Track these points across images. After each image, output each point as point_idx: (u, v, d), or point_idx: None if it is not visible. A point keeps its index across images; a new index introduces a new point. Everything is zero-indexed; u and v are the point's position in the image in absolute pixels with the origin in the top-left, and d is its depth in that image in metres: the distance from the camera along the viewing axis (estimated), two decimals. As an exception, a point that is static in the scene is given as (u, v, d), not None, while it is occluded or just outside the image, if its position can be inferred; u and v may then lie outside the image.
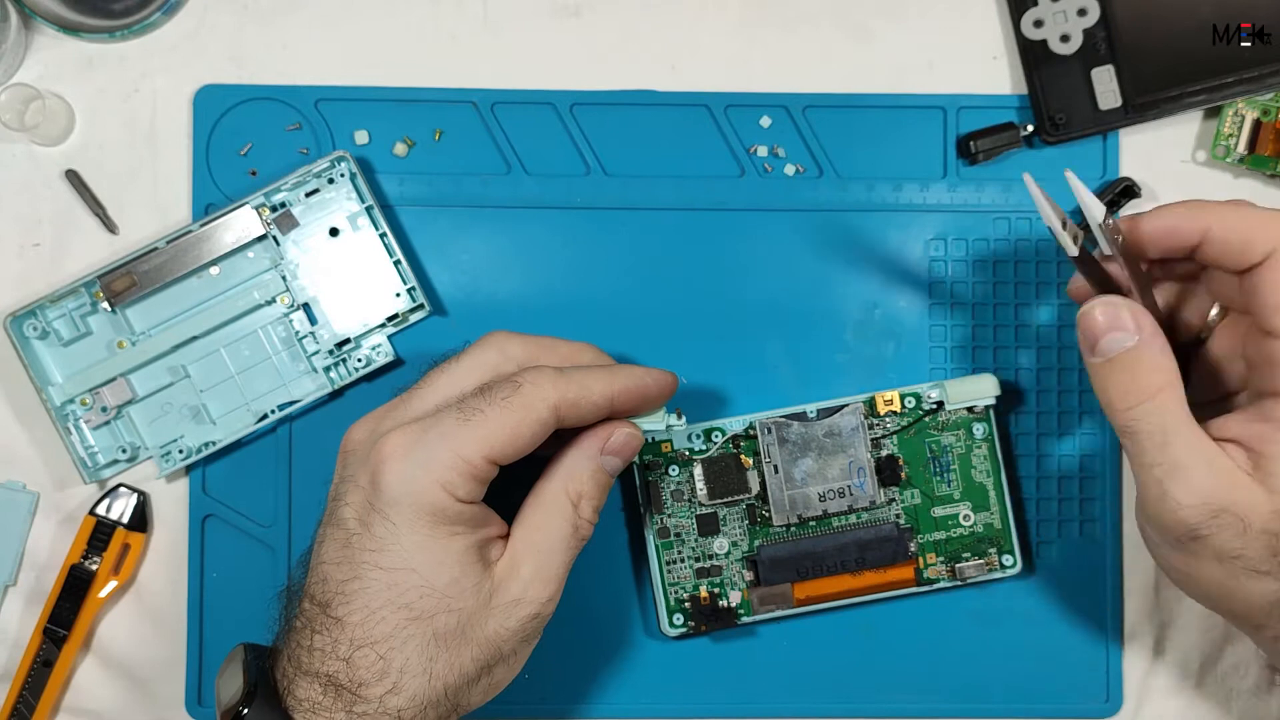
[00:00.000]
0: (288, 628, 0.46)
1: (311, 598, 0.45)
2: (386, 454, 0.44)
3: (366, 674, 0.43)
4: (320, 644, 0.44)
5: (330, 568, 0.44)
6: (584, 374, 0.46)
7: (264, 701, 0.43)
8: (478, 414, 0.44)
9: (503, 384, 0.45)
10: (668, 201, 0.55)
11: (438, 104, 0.55)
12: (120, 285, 0.53)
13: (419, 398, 0.46)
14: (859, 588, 0.53)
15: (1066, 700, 0.55)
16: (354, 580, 0.44)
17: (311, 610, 0.44)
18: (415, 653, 0.43)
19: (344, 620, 0.43)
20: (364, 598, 0.43)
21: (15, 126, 0.53)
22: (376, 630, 0.43)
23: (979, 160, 0.55)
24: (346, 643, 0.43)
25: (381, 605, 0.43)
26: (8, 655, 0.55)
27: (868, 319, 0.56)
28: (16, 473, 0.55)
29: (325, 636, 0.44)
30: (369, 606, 0.43)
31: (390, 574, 0.43)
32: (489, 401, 0.44)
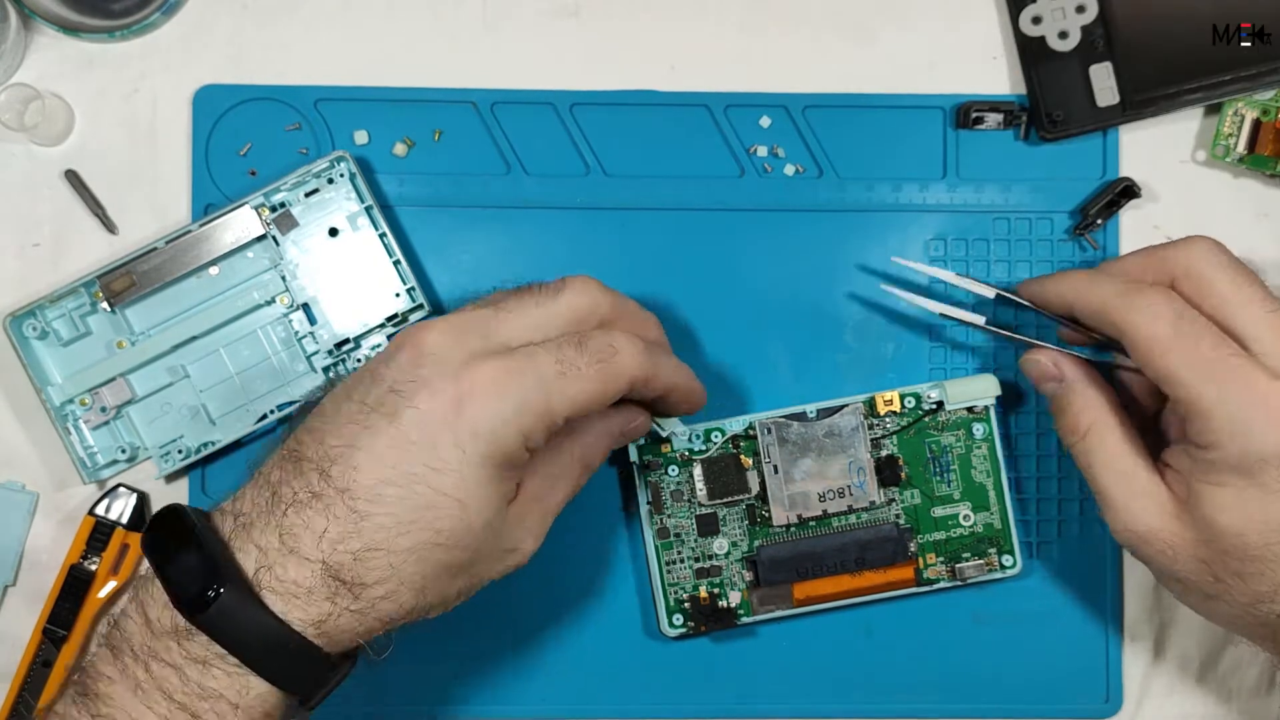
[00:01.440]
0: (272, 495, 0.43)
1: (328, 478, 0.42)
2: (482, 385, 0.42)
3: (371, 576, 0.42)
4: (335, 533, 0.42)
5: (368, 460, 0.42)
6: (662, 360, 0.47)
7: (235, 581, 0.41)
8: (574, 371, 0.43)
9: (600, 344, 0.44)
10: (668, 201, 0.55)
11: (437, 104, 0.55)
12: (120, 285, 0.53)
13: (508, 322, 0.45)
14: (859, 588, 0.53)
15: (1066, 700, 0.55)
16: (396, 487, 0.42)
17: (327, 493, 0.42)
18: (421, 572, 0.43)
19: (368, 517, 0.42)
20: (401, 507, 0.42)
21: (15, 126, 0.53)
22: (400, 541, 0.42)
23: (974, 126, 0.55)
24: (363, 541, 0.42)
25: (415, 520, 0.42)
26: (7, 655, 0.54)
27: (868, 319, 0.56)
28: (16, 473, 0.55)
29: (341, 526, 0.42)
30: (402, 518, 0.42)
31: (437, 495, 0.42)
32: (586, 360, 0.44)
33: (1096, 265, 0.52)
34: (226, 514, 0.44)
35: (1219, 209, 0.56)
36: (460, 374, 0.42)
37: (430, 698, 0.55)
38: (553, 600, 0.55)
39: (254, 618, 0.41)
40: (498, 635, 0.55)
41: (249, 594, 0.41)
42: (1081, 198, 0.56)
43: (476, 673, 0.55)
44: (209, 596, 0.41)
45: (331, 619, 0.42)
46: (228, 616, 0.41)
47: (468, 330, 0.44)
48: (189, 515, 0.44)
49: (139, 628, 0.43)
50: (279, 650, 0.42)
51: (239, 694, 0.42)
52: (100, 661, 0.43)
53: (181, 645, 0.42)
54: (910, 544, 0.54)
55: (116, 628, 0.43)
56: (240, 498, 0.44)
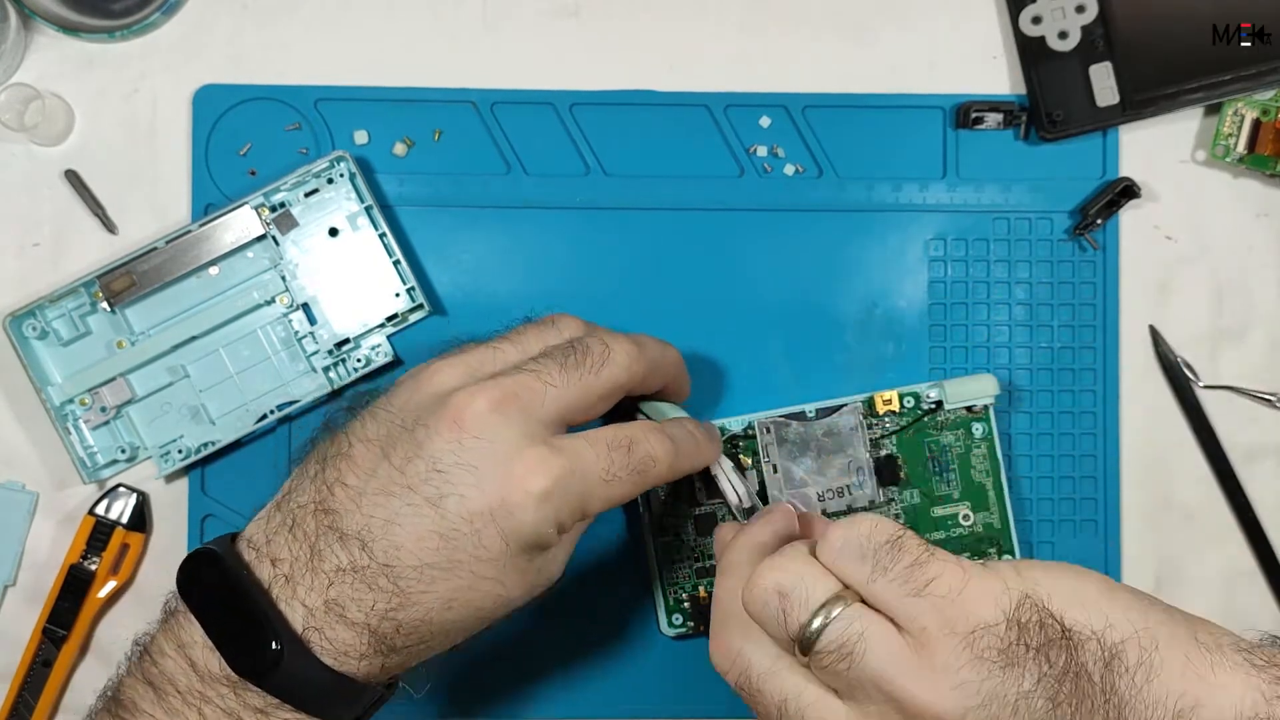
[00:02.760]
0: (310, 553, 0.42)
1: (370, 552, 0.42)
2: (533, 492, 0.42)
3: (414, 638, 0.43)
4: (381, 608, 0.42)
5: (410, 541, 0.42)
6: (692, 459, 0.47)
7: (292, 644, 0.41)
8: (616, 480, 0.44)
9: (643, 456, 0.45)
10: (667, 201, 0.55)
11: (437, 104, 0.55)
12: (119, 285, 0.53)
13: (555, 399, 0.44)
14: (859, 588, 0.53)
15: (1067, 701, 0.55)
16: (440, 570, 0.42)
17: (371, 569, 0.42)
18: (460, 632, 0.44)
19: (414, 596, 0.42)
20: (445, 587, 0.42)
21: (15, 126, 0.53)
22: (444, 616, 0.43)
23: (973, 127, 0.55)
24: (407, 616, 0.42)
25: (458, 598, 0.43)
26: (7, 655, 0.54)
27: (868, 319, 0.56)
28: (16, 473, 0.55)
29: (387, 602, 0.42)
30: (446, 598, 0.42)
31: (480, 579, 0.43)
32: (629, 470, 0.44)
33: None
34: (262, 555, 0.43)
35: (1219, 209, 0.56)
36: (511, 472, 0.42)
37: (430, 698, 0.55)
38: (553, 600, 0.55)
39: (314, 676, 0.42)
40: (498, 635, 0.55)
41: (306, 653, 0.42)
42: (1081, 198, 0.56)
43: (477, 673, 0.55)
44: (269, 656, 0.41)
45: (382, 672, 0.43)
46: (289, 677, 0.41)
47: (511, 407, 0.43)
48: (229, 563, 0.43)
49: (182, 669, 0.42)
50: (336, 697, 0.43)
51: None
52: (140, 699, 0.43)
53: (237, 694, 0.42)
54: (910, 544, 0.53)
55: (153, 663, 0.43)
56: (273, 537, 0.43)
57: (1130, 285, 0.56)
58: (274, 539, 0.43)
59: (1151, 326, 0.56)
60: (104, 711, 0.44)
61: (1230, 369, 0.56)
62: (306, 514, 0.43)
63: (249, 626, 0.41)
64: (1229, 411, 0.56)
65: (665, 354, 0.49)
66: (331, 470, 0.44)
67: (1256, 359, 0.56)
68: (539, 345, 0.46)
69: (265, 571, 0.43)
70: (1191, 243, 0.56)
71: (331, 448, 0.45)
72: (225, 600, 0.42)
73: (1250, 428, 0.56)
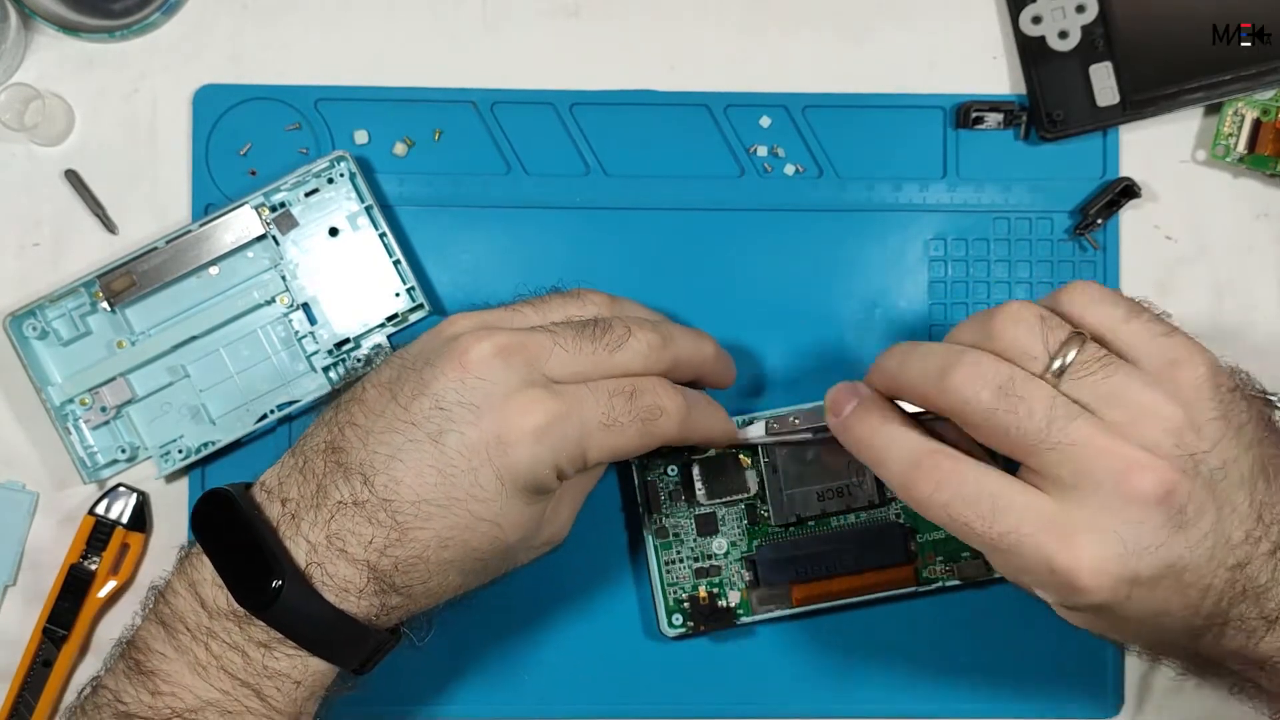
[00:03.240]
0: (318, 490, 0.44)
1: (372, 486, 0.43)
2: (528, 429, 0.43)
3: (410, 579, 0.44)
4: (379, 541, 0.43)
5: (410, 476, 0.43)
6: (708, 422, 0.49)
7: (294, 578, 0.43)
8: (618, 426, 0.45)
9: (649, 404, 0.45)
10: (667, 201, 0.55)
11: (437, 104, 0.55)
12: (120, 285, 0.53)
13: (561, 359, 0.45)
14: (858, 588, 0.53)
15: (1067, 701, 0.55)
16: (436, 506, 0.43)
17: (371, 502, 0.43)
18: (460, 574, 0.45)
19: (411, 531, 0.43)
20: (440, 524, 0.43)
21: (15, 126, 0.53)
22: (440, 554, 0.44)
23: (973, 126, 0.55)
24: (404, 551, 0.43)
25: (454, 537, 0.43)
26: (7, 655, 0.54)
27: (868, 319, 0.56)
28: (16, 473, 0.55)
29: (385, 536, 0.43)
30: (441, 534, 0.43)
31: (476, 519, 0.43)
32: (632, 417, 0.45)
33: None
34: (273, 496, 0.45)
35: (1219, 209, 0.56)
36: (507, 409, 0.43)
37: (430, 697, 0.55)
38: (553, 600, 0.55)
39: (315, 611, 0.43)
40: (498, 635, 0.55)
41: (307, 587, 0.43)
42: (1081, 197, 0.56)
43: (477, 672, 0.55)
44: (271, 590, 0.42)
45: (382, 613, 0.44)
46: (289, 610, 0.43)
47: (515, 356, 0.44)
48: (240, 503, 0.44)
49: (191, 607, 0.44)
50: (337, 636, 0.44)
51: (300, 671, 0.44)
52: (152, 638, 0.44)
53: (242, 628, 0.43)
54: (910, 544, 0.54)
55: (165, 603, 0.45)
56: (285, 479, 0.45)
57: (1130, 285, 0.56)
58: (285, 481, 0.45)
59: (1152, 326, 0.56)
60: (119, 657, 0.45)
61: (1230, 369, 0.56)
62: (317, 454, 0.45)
63: (255, 562, 0.43)
64: (1229, 411, 0.56)
65: (699, 348, 0.49)
66: (344, 413, 0.45)
67: (1257, 359, 0.56)
68: (561, 314, 0.47)
69: (274, 510, 0.44)
70: (1191, 243, 0.56)
71: (348, 394, 0.46)
72: (234, 537, 0.44)
73: (1250, 428, 0.56)
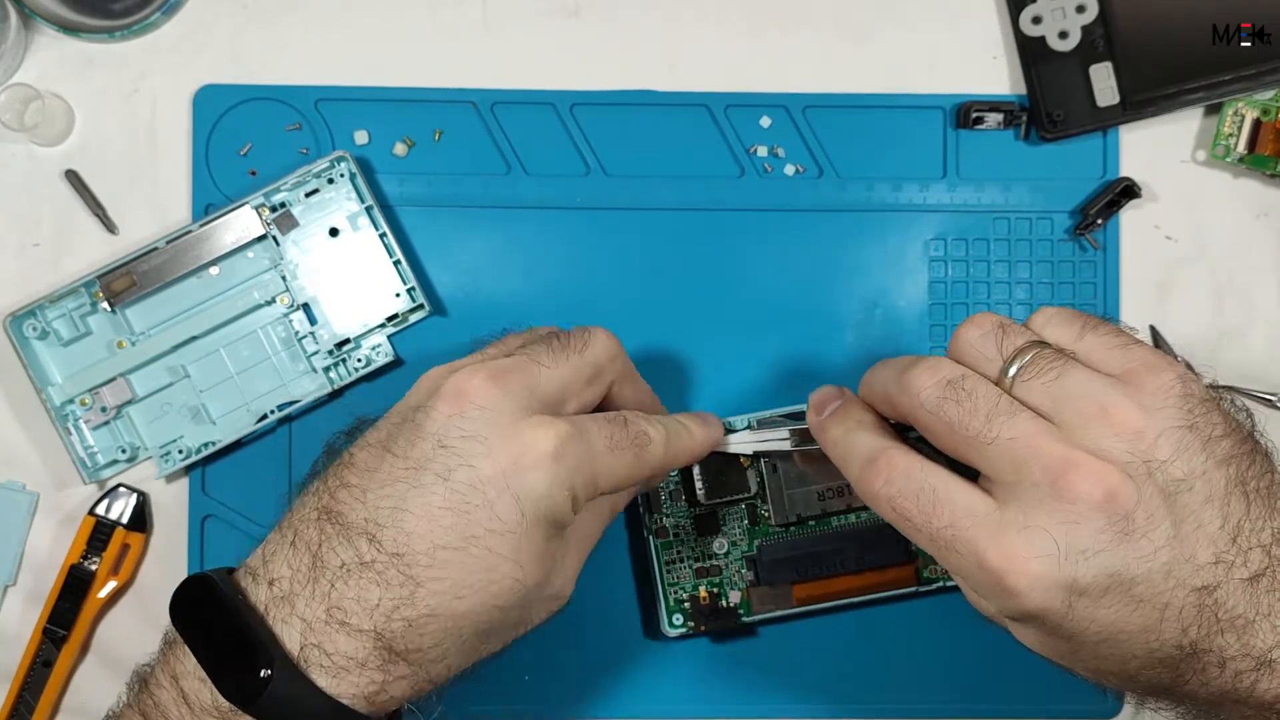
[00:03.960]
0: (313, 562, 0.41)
1: (378, 544, 0.40)
2: (544, 451, 0.41)
3: (425, 642, 0.41)
4: (389, 603, 0.40)
5: (422, 523, 0.40)
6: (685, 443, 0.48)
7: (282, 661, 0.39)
8: (619, 449, 0.44)
9: (638, 430, 0.45)
10: (667, 202, 0.55)
11: (437, 104, 0.55)
12: (120, 285, 0.53)
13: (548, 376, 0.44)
14: (859, 587, 0.53)
15: (1067, 701, 0.55)
16: (454, 551, 0.40)
17: (379, 561, 0.40)
18: (475, 634, 0.42)
19: (425, 583, 0.40)
20: (459, 572, 0.40)
21: (15, 126, 0.53)
22: (457, 606, 0.41)
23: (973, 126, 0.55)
24: (419, 609, 0.40)
25: (473, 584, 0.41)
26: (7, 655, 0.54)
27: (868, 319, 0.56)
28: (16, 473, 0.55)
29: (394, 594, 0.40)
30: (461, 582, 0.40)
31: (495, 558, 0.41)
32: (629, 443, 0.44)
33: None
34: (260, 579, 0.42)
35: (1219, 209, 0.56)
36: (520, 433, 0.42)
37: (430, 697, 0.55)
38: (553, 600, 0.55)
39: (305, 701, 0.40)
40: (498, 635, 0.55)
41: (297, 675, 0.40)
42: (1082, 198, 0.56)
43: (476, 672, 0.55)
44: (259, 681, 0.39)
45: (377, 685, 0.41)
46: (277, 702, 0.39)
47: (510, 381, 0.43)
48: (220, 588, 0.41)
49: (174, 700, 0.41)
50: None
51: None
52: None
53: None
54: (910, 543, 0.53)
55: (148, 694, 0.42)
56: (271, 559, 0.42)
57: (1130, 285, 0.56)
58: (272, 560, 0.42)
59: (1152, 326, 0.56)
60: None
61: (1230, 369, 0.56)
62: (308, 525, 0.42)
63: (241, 652, 0.40)
64: (1229, 411, 0.56)
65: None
66: (333, 479, 0.43)
67: (1256, 359, 0.56)
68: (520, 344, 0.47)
69: (262, 594, 0.41)
70: (1191, 243, 0.56)
71: (333, 463, 0.44)
72: (217, 627, 0.41)
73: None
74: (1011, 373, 0.40)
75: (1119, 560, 0.38)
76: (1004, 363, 0.41)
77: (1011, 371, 0.40)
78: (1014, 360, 0.41)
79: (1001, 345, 0.41)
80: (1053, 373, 0.40)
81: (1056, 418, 0.39)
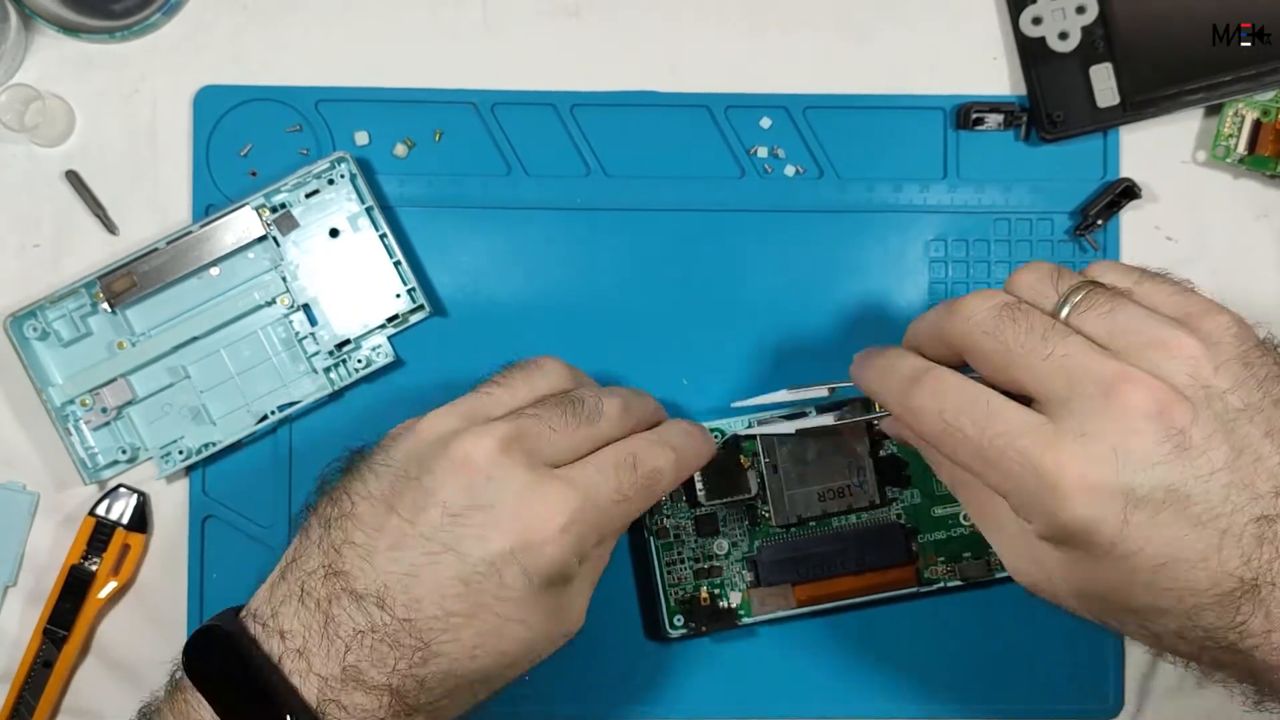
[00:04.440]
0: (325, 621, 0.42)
1: (388, 610, 0.41)
2: (554, 527, 0.42)
3: (437, 696, 0.42)
4: (403, 667, 0.41)
5: (432, 592, 0.41)
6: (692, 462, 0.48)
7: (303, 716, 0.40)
8: (626, 500, 0.44)
9: (650, 470, 0.45)
10: (668, 202, 0.55)
11: (438, 105, 0.55)
12: (120, 286, 0.53)
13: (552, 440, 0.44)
14: (859, 588, 0.53)
15: (1067, 701, 0.55)
16: (464, 618, 0.42)
17: (390, 627, 0.41)
18: (483, 684, 0.44)
19: (436, 646, 0.42)
20: (467, 634, 0.42)
21: (15, 127, 0.53)
22: (469, 667, 0.42)
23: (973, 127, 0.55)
24: (431, 671, 0.42)
25: (483, 644, 0.42)
26: (8, 655, 0.54)
27: (867, 319, 0.56)
28: (16, 473, 0.55)
29: (408, 657, 0.41)
30: (470, 645, 0.42)
31: (504, 621, 0.42)
32: (637, 491, 0.45)
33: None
34: (270, 630, 0.42)
35: (1219, 209, 0.56)
36: (529, 507, 0.42)
37: None
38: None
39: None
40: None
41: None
42: (1082, 198, 0.56)
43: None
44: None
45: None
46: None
47: (518, 447, 0.43)
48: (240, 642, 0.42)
49: None
50: None
51: None
52: None
53: None
54: (911, 544, 0.54)
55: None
56: (279, 609, 0.43)
57: (1130, 286, 0.56)
58: (280, 610, 0.42)
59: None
60: None
61: (1230, 369, 0.56)
62: (316, 580, 0.42)
63: (260, 706, 0.41)
64: (1229, 412, 0.56)
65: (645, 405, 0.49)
66: (337, 531, 0.43)
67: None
68: (526, 387, 0.46)
69: (275, 645, 0.42)
70: (1191, 243, 0.56)
71: (333, 509, 0.44)
72: (234, 679, 0.41)
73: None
74: (1067, 309, 0.40)
75: (1176, 474, 0.37)
76: (1059, 298, 0.41)
77: (1067, 307, 0.40)
78: (1069, 296, 0.41)
79: (1058, 284, 0.41)
80: (1108, 306, 0.40)
81: (1112, 345, 0.39)
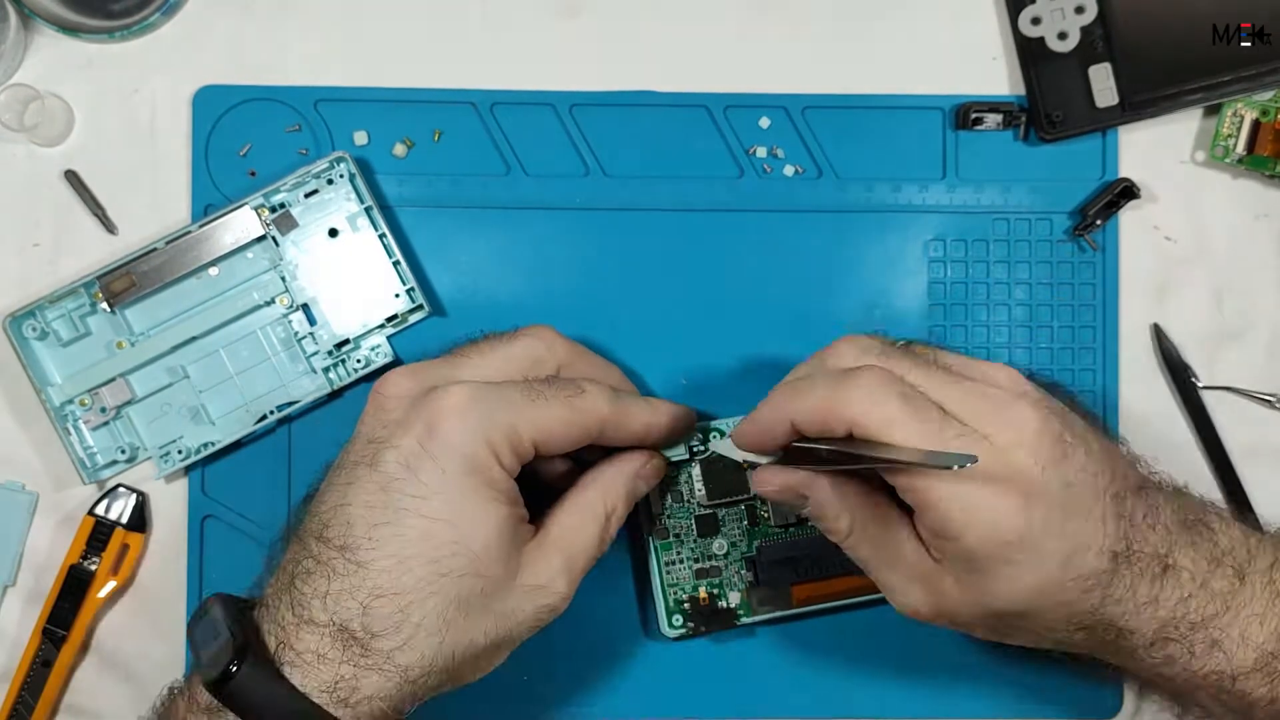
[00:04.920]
0: (286, 576, 0.44)
1: (327, 541, 0.44)
2: (450, 405, 0.44)
3: (382, 625, 0.43)
4: (336, 589, 0.43)
5: (359, 510, 0.43)
6: (632, 403, 0.48)
7: (256, 658, 0.42)
8: (541, 399, 0.45)
9: (567, 384, 0.46)
10: (667, 202, 0.55)
11: (437, 104, 0.55)
12: (119, 286, 0.53)
13: (469, 365, 0.47)
14: (858, 588, 0.53)
15: (1067, 701, 0.55)
16: (388, 525, 0.43)
17: (327, 554, 0.43)
18: (434, 611, 0.43)
19: (368, 565, 0.43)
20: (396, 544, 0.43)
21: (15, 127, 0.53)
22: (403, 580, 0.43)
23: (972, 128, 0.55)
24: (366, 590, 0.43)
25: (413, 555, 0.43)
26: (7, 655, 0.55)
27: (868, 319, 0.56)
28: (16, 473, 0.55)
29: (343, 581, 0.43)
30: (400, 554, 0.43)
31: (429, 523, 0.43)
32: (554, 392, 0.46)
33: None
34: (260, 604, 0.45)
35: (1218, 209, 0.56)
36: (428, 402, 0.44)
37: (433, 703, 0.55)
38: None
39: (271, 691, 0.42)
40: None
41: (268, 668, 0.42)
42: (1081, 198, 0.56)
43: (470, 686, 0.55)
44: (229, 673, 0.41)
45: (347, 680, 0.42)
46: (247, 692, 0.42)
47: (428, 373, 0.46)
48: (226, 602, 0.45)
49: (183, 704, 0.44)
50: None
51: None
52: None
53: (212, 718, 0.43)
54: (910, 544, 0.53)
55: (170, 699, 0.46)
56: (266, 588, 0.46)
57: (1130, 286, 0.56)
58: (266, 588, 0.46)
59: (1155, 325, 0.56)
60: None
61: (1230, 370, 0.56)
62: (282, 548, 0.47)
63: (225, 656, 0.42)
64: (1229, 412, 0.56)
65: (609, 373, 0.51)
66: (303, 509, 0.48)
67: (1256, 360, 0.56)
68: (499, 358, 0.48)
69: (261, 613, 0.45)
70: (1191, 243, 0.56)
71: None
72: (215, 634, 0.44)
73: (1250, 429, 0.56)
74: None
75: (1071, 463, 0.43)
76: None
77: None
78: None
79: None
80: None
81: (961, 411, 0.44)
